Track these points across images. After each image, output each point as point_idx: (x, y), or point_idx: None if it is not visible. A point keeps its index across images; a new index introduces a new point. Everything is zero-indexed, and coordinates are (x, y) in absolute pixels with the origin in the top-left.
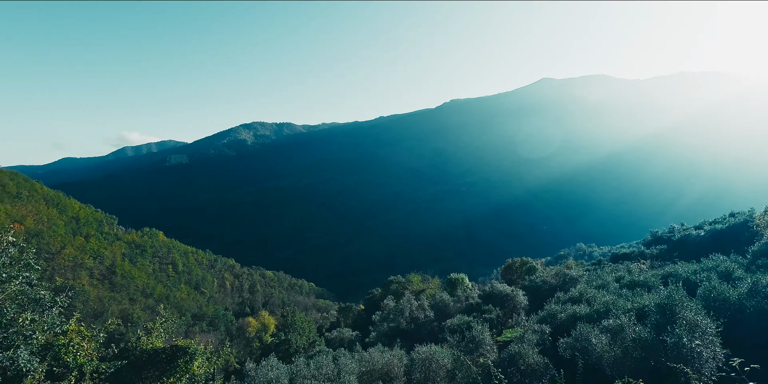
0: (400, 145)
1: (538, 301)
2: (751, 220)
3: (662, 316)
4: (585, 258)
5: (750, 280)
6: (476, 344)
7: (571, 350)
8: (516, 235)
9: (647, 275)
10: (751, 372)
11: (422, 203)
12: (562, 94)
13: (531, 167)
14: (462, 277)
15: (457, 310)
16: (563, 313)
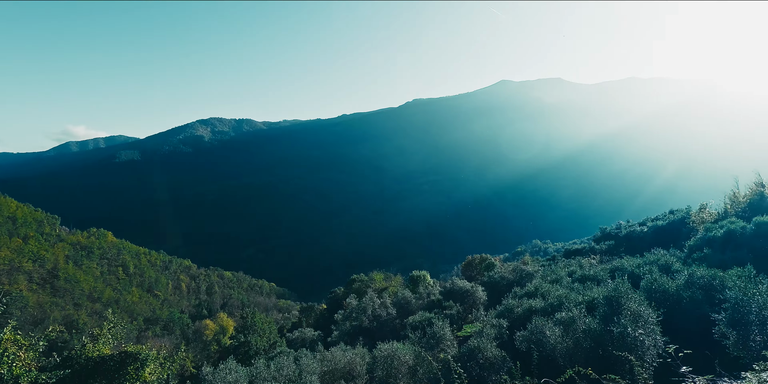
0: (364, 144)
1: (497, 296)
2: (688, 216)
3: (609, 307)
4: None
5: (686, 273)
6: (437, 340)
7: (527, 343)
8: (477, 233)
9: (597, 269)
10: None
11: (386, 201)
12: (519, 96)
13: (492, 166)
14: (424, 274)
15: (419, 306)
16: (520, 308)
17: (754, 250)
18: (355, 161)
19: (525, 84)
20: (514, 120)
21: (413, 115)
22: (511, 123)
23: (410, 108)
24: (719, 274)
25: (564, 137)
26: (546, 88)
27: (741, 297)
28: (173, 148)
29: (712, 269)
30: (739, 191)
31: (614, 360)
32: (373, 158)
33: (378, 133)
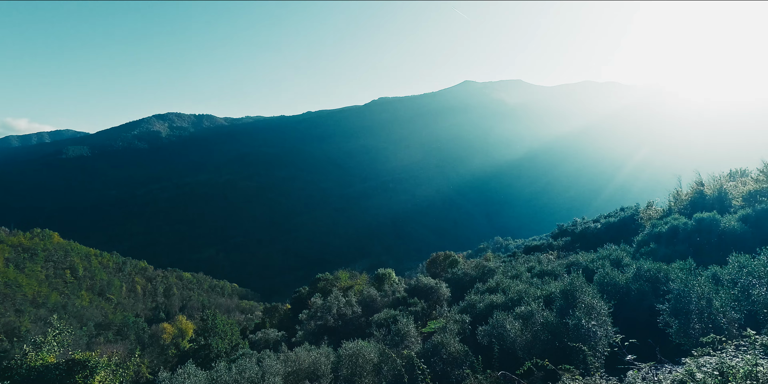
0: (329, 141)
1: (460, 292)
2: (637, 214)
3: (565, 301)
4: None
5: (635, 266)
6: (401, 337)
7: (488, 337)
8: (441, 230)
9: (554, 265)
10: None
11: (351, 199)
12: (482, 97)
13: (455, 165)
14: (389, 271)
15: (384, 304)
16: (482, 303)
17: (694, 245)
18: (320, 159)
19: (488, 85)
20: (477, 120)
21: (379, 113)
22: (474, 123)
23: (376, 106)
24: (664, 267)
25: (525, 137)
26: (508, 89)
27: (682, 288)
28: (127, 143)
29: (657, 263)
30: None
31: (569, 351)
32: (338, 156)
33: (343, 130)
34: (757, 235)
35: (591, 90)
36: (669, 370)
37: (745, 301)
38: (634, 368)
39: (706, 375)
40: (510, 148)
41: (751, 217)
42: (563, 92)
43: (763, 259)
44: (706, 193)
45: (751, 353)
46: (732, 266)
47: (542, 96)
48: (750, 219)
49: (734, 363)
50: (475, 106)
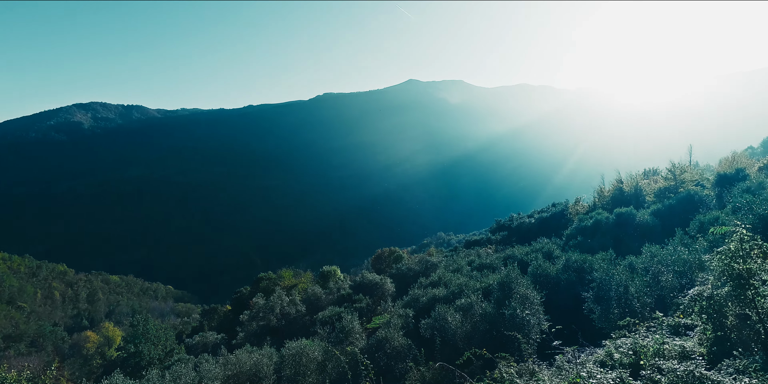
0: (272, 137)
1: (404, 287)
2: (567, 209)
3: (502, 292)
4: (445, 245)
5: (564, 258)
6: (346, 334)
7: (430, 330)
8: (387, 227)
9: (493, 258)
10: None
11: (295, 196)
12: (426, 96)
13: (400, 162)
14: (334, 269)
15: (329, 302)
16: (425, 297)
17: (615, 236)
18: (262, 155)
19: (431, 84)
20: (421, 118)
21: (324, 109)
22: (419, 121)
23: (321, 102)
24: (589, 258)
25: (467, 136)
26: (450, 89)
27: (604, 277)
28: (42, 135)
29: (583, 254)
30: (604, 187)
31: (506, 339)
32: (282, 152)
33: (287, 126)
34: (666, 227)
35: (527, 92)
36: (591, 353)
37: (655, 286)
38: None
39: (623, 355)
40: (453, 146)
41: (661, 211)
42: (502, 94)
43: (670, 248)
44: (624, 190)
45: (659, 333)
46: (645, 256)
47: (482, 96)
48: (660, 213)
49: (645, 343)
50: (420, 104)
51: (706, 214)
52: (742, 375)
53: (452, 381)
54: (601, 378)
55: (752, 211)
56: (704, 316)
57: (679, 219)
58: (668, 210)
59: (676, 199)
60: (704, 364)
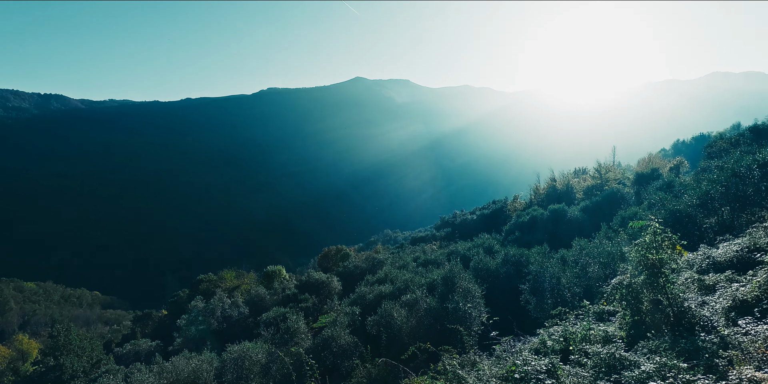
0: (214, 132)
1: (351, 285)
2: (506, 206)
3: (446, 287)
4: (391, 242)
5: (503, 252)
6: (291, 334)
7: (377, 326)
8: (334, 225)
9: (437, 254)
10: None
11: (239, 194)
12: (373, 94)
13: (347, 160)
14: (279, 268)
15: (274, 302)
16: (371, 294)
17: (549, 231)
18: (203, 150)
19: (378, 82)
20: (368, 116)
21: (269, 104)
22: (366, 118)
23: (265, 96)
24: (525, 252)
25: (412, 135)
26: (397, 88)
27: (539, 270)
28: None
29: (521, 248)
30: (540, 184)
31: (449, 332)
32: (224, 148)
33: (228, 120)
34: (593, 221)
35: (469, 93)
36: (528, 341)
37: (584, 277)
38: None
39: (555, 342)
40: (399, 144)
41: (589, 207)
42: (446, 94)
43: (597, 242)
44: (557, 187)
45: (586, 320)
46: (575, 249)
47: (428, 96)
48: (588, 209)
49: (574, 330)
50: (367, 102)
51: (626, 209)
52: (654, 354)
53: (397, 376)
54: (535, 364)
55: (664, 207)
56: (624, 303)
57: (605, 214)
58: (595, 206)
59: (601, 196)
60: (623, 346)
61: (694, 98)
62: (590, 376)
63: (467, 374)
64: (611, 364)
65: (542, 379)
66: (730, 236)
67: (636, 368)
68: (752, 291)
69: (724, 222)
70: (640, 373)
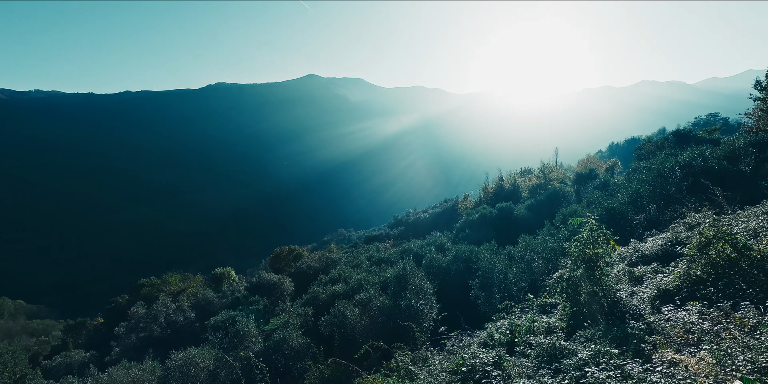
0: (156, 127)
1: (304, 285)
2: (457, 204)
3: (398, 284)
4: (345, 242)
5: (454, 250)
6: (240, 338)
7: (330, 326)
8: (286, 224)
9: (390, 252)
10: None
11: (185, 193)
12: (327, 92)
13: (300, 158)
14: (228, 270)
15: (223, 305)
16: (324, 294)
17: (497, 229)
18: (144, 147)
19: (332, 80)
20: (321, 114)
21: (216, 99)
22: (319, 116)
23: (213, 91)
24: (475, 249)
25: (367, 133)
26: (350, 87)
27: (488, 266)
28: None
29: (471, 245)
30: (489, 184)
31: (402, 329)
32: (168, 144)
33: (173, 116)
34: (537, 219)
35: (422, 94)
36: (477, 335)
37: (529, 272)
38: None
39: (501, 335)
40: (354, 142)
41: (534, 205)
42: (399, 94)
43: (540, 238)
44: (505, 186)
45: (531, 313)
46: (521, 245)
47: (381, 96)
48: (533, 207)
49: (520, 322)
50: (320, 100)
51: (567, 207)
52: (590, 342)
53: (350, 375)
54: (483, 357)
55: (600, 205)
56: (564, 295)
57: (548, 212)
58: (539, 204)
59: (545, 195)
60: (563, 336)
61: (626, 104)
62: (533, 365)
63: (419, 370)
64: (552, 354)
65: (489, 371)
66: (656, 231)
67: (574, 356)
68: (674, 281)
69: (651, 218)
70: (578, 361)
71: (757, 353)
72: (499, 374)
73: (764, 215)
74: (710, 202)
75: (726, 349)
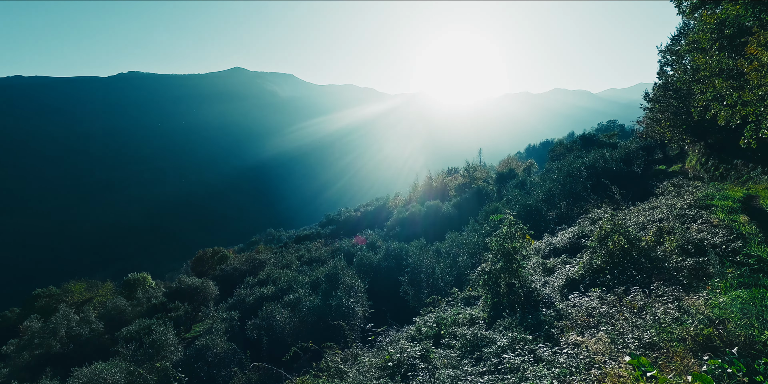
0: (55, 118)
1: (230, 289)
2: (387, 202)
3: (329, 284)
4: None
5: (385, 247)
6: (157, 348)
7: (257, 330)
8: (211, 225)
9: (321, 251)
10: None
11: (91, 192)
12: (255, 87)
13: (225, 155)
14: (143, 275)
15: (137, 314)
16: (252, 297)
17: (426, 226)
18: (42, 140)
19: (260, 75)
20: (249, 109)
21: (129, 89)
22: (246, 112)
23: (125, 81)
24: (405, 246)
25: (298, 130)
26: (280, 82)
27: (416, 262)
28: None
29: (401, 243)
30: (418, 183)
31: (333, 329)
32: (70, 138)
33: (77, 106)
34: (463, 216)
35: (354, 92)
36: (405, 330)
37: (455, 266)
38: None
39: (428, 328)
40: (285, 139)
41: (460, 203)
42: (331, 91)
43: (465, 234)
44: (433, 185)
45: (456, 306)
46: (447, 241)
47: (313, 92)
48: (459, 205)
49: (446, 315)
50: (248, 94)
51: (490, 204)
52: (508, 330)
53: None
54: (410, 351)
55: (518, 202)
56: (486, 288)
57: (472, 209)
58: (465, 202)
59: (470, 193)
60: (485, 326)
61: (542, 109)
62: (457, 356)
63: (349, 368)
64: (475, 343)
65: (416, 364)
66: (565, 226)
67: (493, 344)
68: (579, 270)
69: (561, 214)
70: (497, 349)
71: (643, 331)
72: (426, 366)
73: (650, 210)
74: (609, 199)
75: (619, 329)
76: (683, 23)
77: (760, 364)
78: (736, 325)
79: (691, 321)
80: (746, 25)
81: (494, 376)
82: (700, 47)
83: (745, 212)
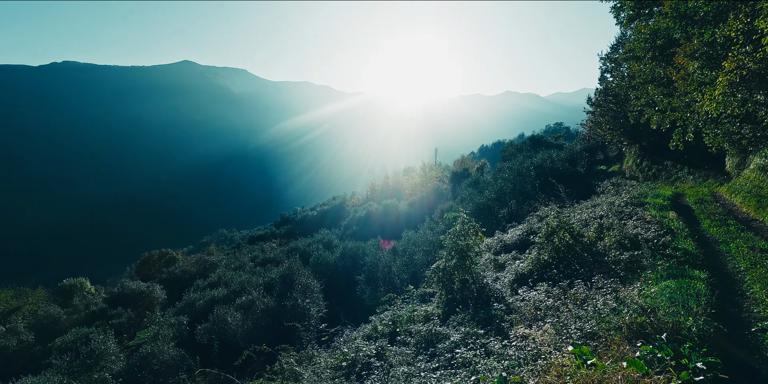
0: None
1: (179, 293)
2: (345, 202)
3: (284, 285)
4: (227, 243)
5: (341, 246)
6: (96, 359)
7: (208, 334)
8: (157, 226)
9: (276, 252)
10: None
11: (21, 192)
12: (205, 81)
13: (173, 152)
14: (81, 281)
15: (74, 322)
16: (202, 300)
17: (383, 224)
18: None
19: (211, 69)
20: (200, 104)
21: (63, 80)
22: (196, 107)
23: (58, 71)
24: (362, 245)
25: (252, 128)
26: (233, 77)
27: (373, 260)
28: None
29: (358, 242)
30: (375, 182)
31: (288, 330)
32: None
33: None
34: (419, 214)
35: (310, 90)
36: (361, 329)
37: (411, 264)
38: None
39: (384, 326)
40: (238, 137)
41: (416, 202)
42: (287, 88)
43: (421, 232)
44: (390, 184)
45: (412, 303)
46: (404, 239)
47: (267, 89)
48: (415, 204)
49: (401, 312)
50: (198, 89)
51: (444, 203)
52: (461, 325)
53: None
54: (366, 350)
55: (472, 201)
56: (440, 284)
57: (428, 208)
58: (421, 201)
59: (426, 192)
60: (439, 322)
61: (494, 110)
62: (412, 352)
63: (304, 369)
64: (429, 339)
65: (372, 363)
66: (516, 223)
67: (447, 340)
68: (527, 266)
69: (512, 212)
70: (450, 344)
71: (584, 322)
72: (381, 364)
73: (593, 208)
74: (556, 198)
75: (563, 321)
76: (621, 33)
77: (685, 348)
78: (665, 313)
79: (627, 310)
80: (675, 37)
81: (447, 370)
82: (635, 56)
83: (673, 209)
